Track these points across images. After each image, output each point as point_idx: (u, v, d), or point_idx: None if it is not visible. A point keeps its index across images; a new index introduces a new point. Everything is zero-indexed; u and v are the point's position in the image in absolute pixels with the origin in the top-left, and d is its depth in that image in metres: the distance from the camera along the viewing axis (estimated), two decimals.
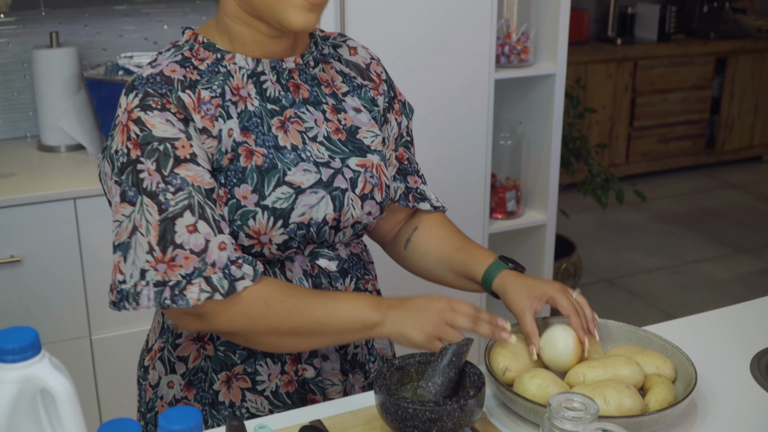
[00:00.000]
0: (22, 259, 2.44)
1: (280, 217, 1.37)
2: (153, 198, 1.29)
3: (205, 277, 1.30)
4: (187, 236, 1.30)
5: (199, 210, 1.31)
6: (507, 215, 3.21)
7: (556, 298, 1.47)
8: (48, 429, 0.95)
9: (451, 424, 1.24)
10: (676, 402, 1.34)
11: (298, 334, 1.36)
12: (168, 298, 1.29)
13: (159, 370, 1.51)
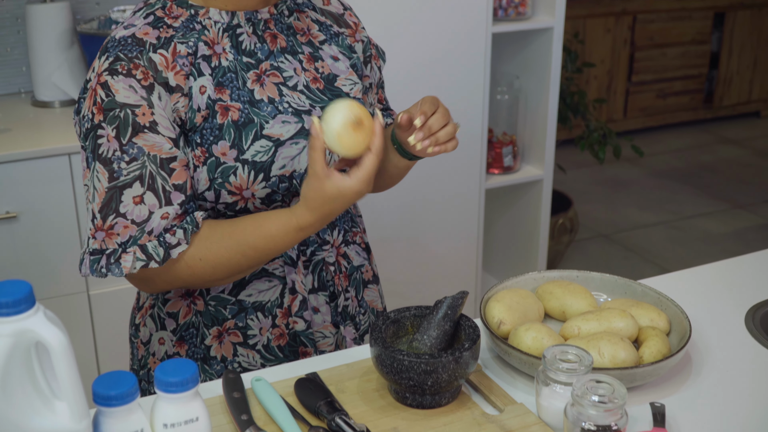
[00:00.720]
0: (18, 215, 2.43)
1: (261, 171, 1.37)
2: (106, 165, 1.30)
3: (140, 245, 1.31)
4: (132, 207, 1.31)
5: (150, 180, 1.31)
6: (504, 170, 3.21)
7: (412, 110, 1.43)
8: (43, 382, 0.95)
9: (446, 376, 1.24)
10: (670, 354, 1.35)
11: (235, 274, 1.40)
12: (104, 266, 1.32)
13: (150, 327, 1.51)
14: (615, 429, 1.16)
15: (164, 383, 1.03)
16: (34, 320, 0.92)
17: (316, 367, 1.40)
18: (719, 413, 1.32)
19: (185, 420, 1.03)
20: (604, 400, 1.15)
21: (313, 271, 1.49)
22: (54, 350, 0.91)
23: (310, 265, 1.48)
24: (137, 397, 1.01)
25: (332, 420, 1.21)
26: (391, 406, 1.29)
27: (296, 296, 1.47)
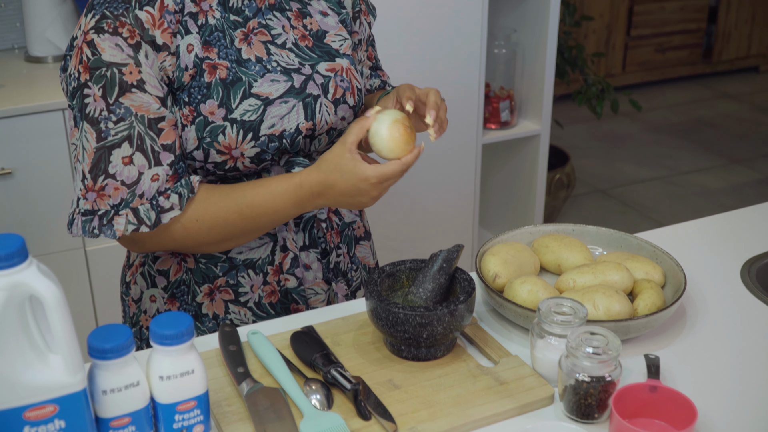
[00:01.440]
0: (13, 171, 2.42)
1: (250, 130, 1.35)
2: (94, 125, 1.29)
3: (132, 209, 1.31)
4: (121, 167, 1.30)
5: (138, 141, 1.30)
6: (501, 125, 3.19)
7: (400, 91, 1.42)
8: (37, 336, 0.95)
9: (441, 328, 1.25)
10: (665, 307, 1.35)
11: (230, 239, 1.39)
12: (96, 227, 1.31)
13: (141, 284, 1.51)
14: (609, 380, 1.16)
15: (159, 336, 1.03)
16: (27, 273, 0.91)
17: (311, 321, 1.40)
18: (713, 365, 1.33)
19: (181, 372, 1.04)
20: (598, 351, 1.16)
21: (305, 228, 1.48)
22: (48, 303, 0.91)
23: (301, 222, 1.48)
24: (132, 350, 1.01)
25: (328, 372, 1.22)
26: (387, 358, 1.30)
27: (287, 254, 1.47)
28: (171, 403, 1.04)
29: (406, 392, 1.22)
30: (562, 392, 1.20)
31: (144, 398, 1.03)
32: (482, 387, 1.24)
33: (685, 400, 1.16)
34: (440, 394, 1.22)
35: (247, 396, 1.18)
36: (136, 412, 1.02)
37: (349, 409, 1.18)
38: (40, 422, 0.95)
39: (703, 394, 1.24)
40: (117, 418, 1.02)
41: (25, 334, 0.94)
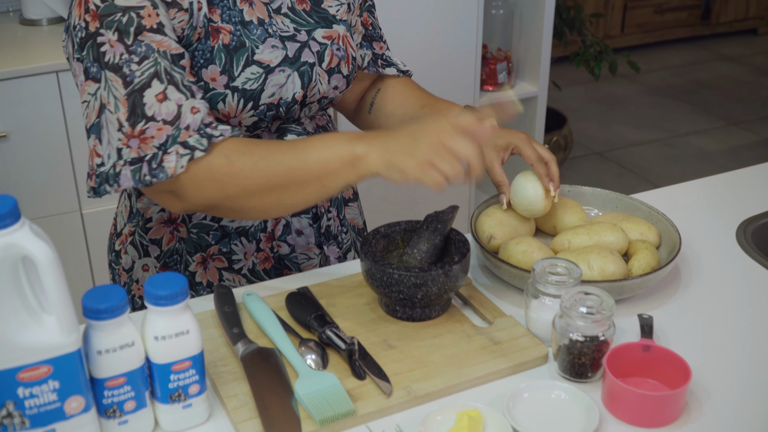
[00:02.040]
0: (8, 134, 2.42)
1: (251, 99, 1.33)
2: (117, 71, 1.21)
3: (181, 143, 1.21)
4: (158, 106, 1.21)
5: (167, 76, 1.22)
6: (498, 87, 3.18)
7: (520, 147, 1.44)
8: (31, 297, 0.95)
9: (435, 289, 1.25)
10: (659, 267, 1.35)
11: (274, 188, 1.23)
12: (147, 173, 1.21)
13: (132, 254, 1.50)
14: (602, 340, 1.17)
15: (154, 296, 1.03)
16: (19, 234, 0.91)
17: (306, 282, 1.40)
18: (707, 326, 1.33)
19: (176, 333, 1.04)
20: (591, 311, 1.16)
21: None
22: (41, 264, 0.91)
23: None
24: (127, 311, 1.01)
25: (323, 333, 1.22)
26: (382, 319, 1.30)
27: (279, 220, 1.46)
28: (166, 363, 1.05)
29: (401, 352, 1.23)
30: (556, 352, 1.20)
31: (139, 358, 1.04)
32: (476, 347, 1.24)
33: (678, 360, 1.17)
34: (435, 354, 1.23)
35: (243, 356, 1.18)
36: (131, 372, 1.03)
37: (344, 369, 1.19)
38: (34, 383, 0.96)
39: (696, 354, 1.25)
40: (112, 378, 1.02)
41: (18, 295, 0.94)
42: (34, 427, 0.98)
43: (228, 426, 1.12)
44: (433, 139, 1.15)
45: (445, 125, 1.16)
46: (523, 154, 1.44)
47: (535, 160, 1.44)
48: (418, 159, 1.15)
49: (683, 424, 1.13)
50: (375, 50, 1.59)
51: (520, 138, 1.45)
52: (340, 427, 1.10)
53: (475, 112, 1.36)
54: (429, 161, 1.15)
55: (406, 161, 1.15)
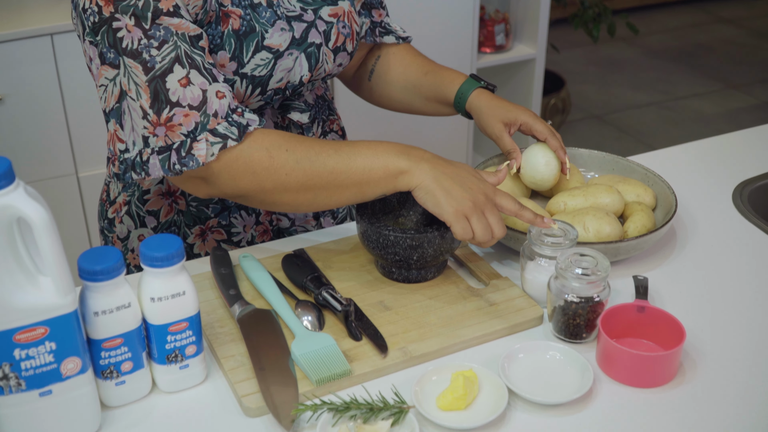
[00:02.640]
0: (3, 97, 2.41)
1: (259, 85, 1.32)
2: (136, 57, 1.17)
3: (210, 130, 1.18)
4: (182, 91, 1.18)
5: (188, 60, 1.19)
6: (496, 49, 3.16)
7: (530, 124, 1.45)
8: (27, 259, 0.95)
9: (431, 251, 1.25)
10: (655, 229, 1.35)
11: (312, 188, 1.21)
12: (176, 162, 1.18)
13: (128, 224, 1.49)
14: (597, 300, 1.17)
15: (150, 258, 1.03)
16: (14, 196, 0.91)
17: (302, 244, 1.41)
18: (702, 287, 1.34)
19: (172, 294, 1.04)
20: (587, 272, 1.16)
21: None
22: (36, 225, 0.91)
23: None
24: (123, 272, 1.01)
25: (319, 294, 1.23)
26: (378, 280, 1.31)
27: None
28: (163, 324, 1.05)
29: (397, 313, 1.23)
30: (551, 313, 1.21)
31: (136, 319, 1.04)
32: (472, 308, 1.25)
33: (672, 321, 1.17)
34: (430, 315, 1.23)
35: (239, 317, 1.19)
36: (128, 333, 1.03)
37: (340, 330, 1.20)
38: (30, 344, 0.96)
39: (691, 315, 1.26)
40: (109, 339, 1.03)
41: (14, 256, 0.94)
42: (30, 388, 0.98)
43: (225, 386, 1.12)
44: (479, 199, 1.21)
45: (492, 195, 1.23)
46: (535, 129, 1.45)
47: (548, 134, 1.45)
48: (460, 206, 1.20)
49: (677, 384, 1.14)
50: (374, 18, 1.57)
51: (528, 115, 1.45)
52: (336, 387, 1.11)
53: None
54: (468, 214, 1.20)
55: (449, 201, 1.20)
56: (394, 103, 1.62)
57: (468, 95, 1.49)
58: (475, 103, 1.48)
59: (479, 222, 1.20)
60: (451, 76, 1.53)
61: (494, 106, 1.47)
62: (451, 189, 1.20)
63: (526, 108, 1.48)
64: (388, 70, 1.58)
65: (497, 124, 1.45)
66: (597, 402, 1.11)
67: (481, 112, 1.47)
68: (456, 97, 1.51)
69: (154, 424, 1.07)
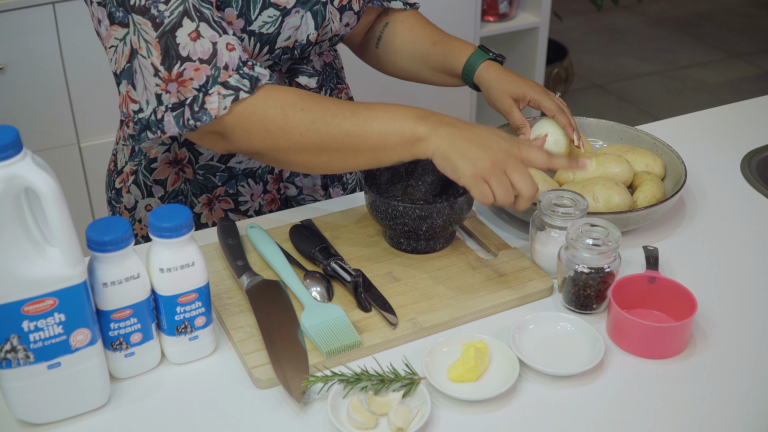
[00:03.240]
0: (4, 66, 2.38)
1: (267, 43, 1.30)
2: (144, 14, 1.16)
3: (222, 83, 1.16)
4: (192, 45, 1.16)
5: (197, 13, 1.17)
6: (499, 18, 3.13)
7: (538, 100, 1.43)
8: (35, 230, 0.94)
9: (440, 221, 1.24)
10: (665, 199, 1.34)
11: (327, 150, 1.18)
12: (190, 117, 1.16)
13: (135, 193, 1.47)
14: (608, 271, 1.16)
15: (158, 228, 1.02)
16: (22, 165, 0.90)
17: (310, 215, 1.39)
18: (712, 257, 1.33)
19: (181, 265, 1.03)
20: (598, 243, 1.15)
21: None
22: (44, 195, 0.90)
23: None
24: (132, 243, 1.01)
25: (327, 265, 1.22)
26: (386, 251, 1.30)
27: None
28: (172, 295, 1.04)
29: (406, 284, 1.23)
30: (561, 283, 1.20)
31: (145, 290, 1.03)
32: (482, 279, 1.24)
33: (684, 291, 1.16)
34: (440, 286, 1.22)
35: (248, 288, 1.18)
36: (137, 304, 1.03)
37: (350, 301, 1.19)
38: (39, 316, 0.95)
39: (701, 286, 1.25)
40: (118, 310, 1.02)
41: (22, 227, 0.93)
42: (38, 361, 0.97)
43: (234, 358, 1.12)
44: (499, 157, 1.14)
45: (515, 151, 1.15)
46: (543, 106, 1.43)
47: (556, 111, 1.43)
48: (477, 168, 1.13)
49: (689, 355, 1.13)
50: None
51: (537, 90, 1.43)
52: (346, 358, 1.10)
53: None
54: (486, 176, 1.13)
55: (465, 164, 1.13)
56: (401, 71, 1.60)
57: (476, 67, 1.47)
58: (484, 76, 1.47)
59: (499, 183, 1.13)
60: (459, 47, 1.51)
61: (503, 80, 1.45)
62: (467, 151, 1.14)
63: (536, 83, 1.47)
64: (395, 37, 1.56)
65: (506, 99, 1.44)
66: (608, 373, 1.11)
67: (490, 86, 1.46)
68: (464, 69, 1.49)
69: (163, 396, 1.06)
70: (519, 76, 1.46)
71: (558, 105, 1.44)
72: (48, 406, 1.01)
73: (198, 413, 1.04)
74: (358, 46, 1.64)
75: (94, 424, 1.03)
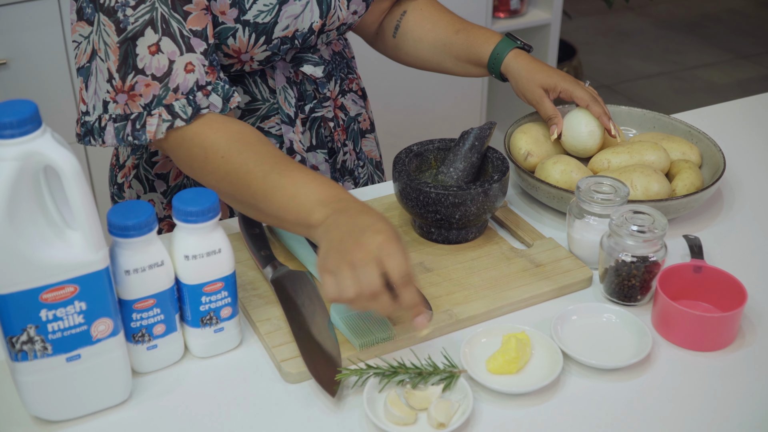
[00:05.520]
0: (8, 61, 2.33)
1: (263, 33, 1.23)
2: (111, 15, 1.11)
3: (166, 105, 1.13)
4: (149, 58, 1.12)
5: (163, 25, 1.12)
6: (510, 14, 3.08)
7: (570, 90, 1.38)
8: (54, 212, 0.88)
9: (474, 209, 1.18)
10: (705, 186, 1.29)
11: (239, 202, 1.12)
12: (129, 134, 1.13)
13: (137, 188, 1.41)
14: (653, 260, 1.11)
15: (184, 213, 0.96)
16: (41, 142, 0.84)
17: None
18: (754, 246, 1.27)
19: (207, 252, 0.97)
20: (643, 229, 1.10)
21: (311, 128, 1.38)
22: (65, 173, 0.84)
23: (307, 122, 1.37)
24: (155, 228, 0.95)
25: None
26: (416, 241, 1.24)
27: (294, 156, 1.37)
28: (197, 284, 0.98)
29: (439, 275, 1.17)
30: (603, 274, 1.14)
31: (169, 279, 0.97)
32: (517, 269, 1.18)
33: (732, 281, 1.11)
34: (474, 277, 1.16)
35: (274, 279, 1.12)
36: (161, 293, 0.97)
37: None
38: (58, 304, 0.89)
39: (745, 276, 1.18)
40: (141, 300, 0.96)
41: (40, 208, 0.86)
42: (57, 353, 0.91)
43: (261, 351, 1.06)
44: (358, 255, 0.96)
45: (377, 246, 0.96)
46: (575, 96, 1.38)
47: (590, 100, 1.37)
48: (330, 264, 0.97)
49: (737, 347, 1.08)
50: None
51: (568, 80, 1.38)
52: (379, 351, 1.04)
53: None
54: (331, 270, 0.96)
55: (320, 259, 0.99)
56: (421, 61, 1.54)
57: (504, 56, 1.42)
58: (513, 65, 1.41)
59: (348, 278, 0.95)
60: (485, 35, 1.45)
61: (533, 69, 1.39)
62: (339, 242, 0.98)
63: (566, 73, 1.41)
64: (415, 26, 1.51)
65: (537, 90, 1.38)
66: (655, 366, 1.05)
67: (519, 75, 1.40)
68: (490, 58, 1.43)
69: (187, 392, 1.00)
70: (549, 66, 1.41)
71: (591, 94, 1.38)
72: (65, 402, 0.95)
73: (224, 410, 0.98)
74: (372, 36, 1.58)
75: (114, 422, 0.97)
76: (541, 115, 1.40)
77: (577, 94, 1.37)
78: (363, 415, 0.96)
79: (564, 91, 1.38)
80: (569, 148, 1.39)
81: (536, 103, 1.39)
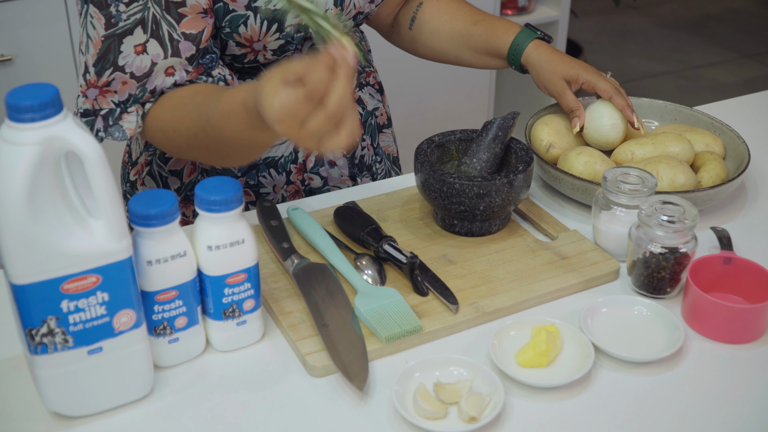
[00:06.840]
0: (13, 57, 2.30)
1: (275, 21, 1.21)
2: (102, 8, 1.10)
3: (142, 104, 1.14)
4: (133, 57, 1.11)
5: (153, 26, 1.11)
6: (518, 11, 3.06)
7: (593, 82, 1.35)
8: (76, 199, 0.86)
9: (499, 200, 1.16)
10: (730, 178, 1.26)
11: (218, 155, 1.13)
12: (101, 129, 1.13)
13: (150, 185, 1.39)
14: (683, 252, 1.08)
15: (207, 202, 0.93)
16: (63, 126, 0.81)
17: (353, 197, 1.31)
18: None
19: (230, 242, 0.95)
20: (673, 220, 1.07)
21: None
22: (88, 159, 0.81)
23: None
24: (178, 217, 0.92)
25: (380, 247, 1.13)
26: (438, 234, 1.21)
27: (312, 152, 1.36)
28: (220, 275, 0.96)
29: (463, 268, 1.14)
30: (631, 266, 1.12)
31: (191, 270, 0.95)
32: (543, 262, 1.15)
33: (763, 272, 1.08)
34: (499, 270, 1.14)
35: (295, 272, 1.09)
36: (183, 285, 0.94)
37: (404, 285, 1.10)
38: (80, 295, 0.86)
39: None
40: (163, 291, 0.93)
41: (62, 195, 0.84)
42: (78, 345, 0.88)
43: (284, 344, 1.03)
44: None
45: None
46: (598, 87, 1.35)
47: (613, 92, 1.35)
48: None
49: None
50: None
51: (591, 71, 1.36)
52: (406, 344, 1.02)
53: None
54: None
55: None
56: (438, 54, 1.51)
57: (524, 47, 1.39)
58: (533, 56, 1.38)
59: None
60: (504, 26, 1.43)
61: (554, 60, 1.37)
62: None
63: (587, 64, 1.39)
64: (431, 18, 1.48)
65: (559, 81, 1.36)
66: (687, 359, 1.02)
67: (541, 67, 1.37)
68: (510, 49, 1.41)
69: (209, 386, 0.98)
70: (570, 57, 1.38)
71: (614, 85, 1.36)
72: (86, 397, 0.92)
73: (248, 405, 0.95)
74: (387, 29, 1.55)
75: (135, 417, 0.94)
76: (563, 107, 1.38)
77: (599, 86, 1.35)
78: (392, 409, 0.94)
79: (586, 82, 1.35)
80: (591, 141, 1.37)
81: (558, 94, 1.37)
